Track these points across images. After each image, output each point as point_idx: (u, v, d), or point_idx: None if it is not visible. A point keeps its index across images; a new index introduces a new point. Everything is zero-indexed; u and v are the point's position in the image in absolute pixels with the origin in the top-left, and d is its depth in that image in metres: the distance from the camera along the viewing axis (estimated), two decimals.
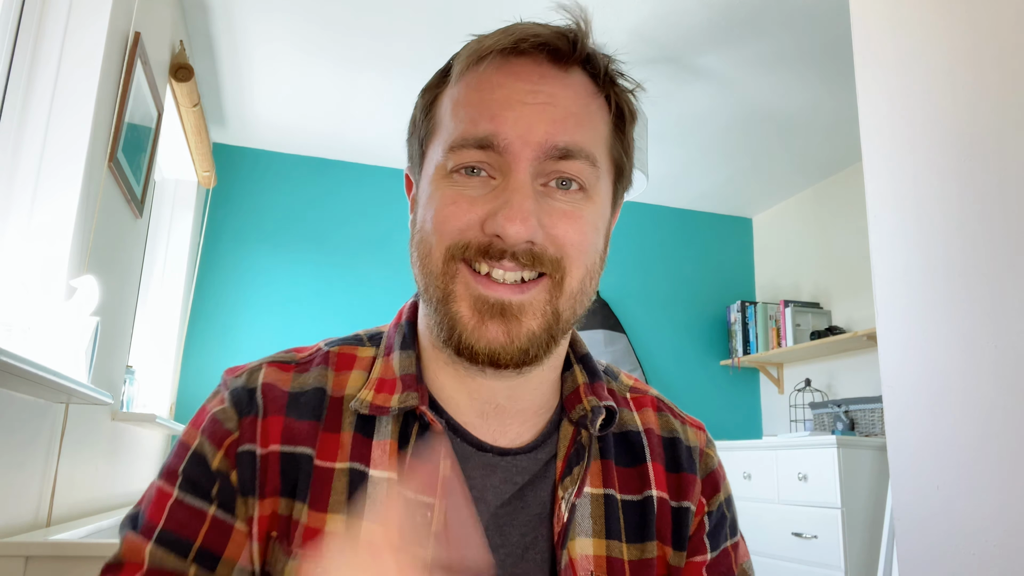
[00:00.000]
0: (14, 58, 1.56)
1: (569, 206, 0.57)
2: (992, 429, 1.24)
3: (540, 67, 0.58)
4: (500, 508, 0.58)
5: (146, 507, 0.57)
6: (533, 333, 0.55)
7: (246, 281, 3.43)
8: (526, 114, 0.56)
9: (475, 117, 0.56)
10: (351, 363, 0.63)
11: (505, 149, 0.55)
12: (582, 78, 0.60)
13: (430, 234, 0.57)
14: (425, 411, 0.58)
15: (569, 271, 0.56)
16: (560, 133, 0.56)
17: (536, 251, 0.55)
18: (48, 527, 1.58)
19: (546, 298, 0.56)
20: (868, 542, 2.68)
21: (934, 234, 1.39)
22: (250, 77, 2.94)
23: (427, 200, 0.58)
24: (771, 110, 3.08)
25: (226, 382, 0.61)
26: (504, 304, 0.55)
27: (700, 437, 0.68)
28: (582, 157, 0.56)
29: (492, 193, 0.55)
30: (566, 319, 0.58)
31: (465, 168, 0.56)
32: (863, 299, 3.44)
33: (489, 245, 0.54)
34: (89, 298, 1.52)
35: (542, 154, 0.55)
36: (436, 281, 0.56)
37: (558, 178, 0.57)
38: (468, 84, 0.58)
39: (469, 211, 0.55)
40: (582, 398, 0.62)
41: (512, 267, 0.55)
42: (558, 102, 0.57)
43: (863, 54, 1.60)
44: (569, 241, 0.56)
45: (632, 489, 0.62)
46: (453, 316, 0.55)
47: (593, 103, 0.59)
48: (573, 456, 0.60)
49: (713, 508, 0.65)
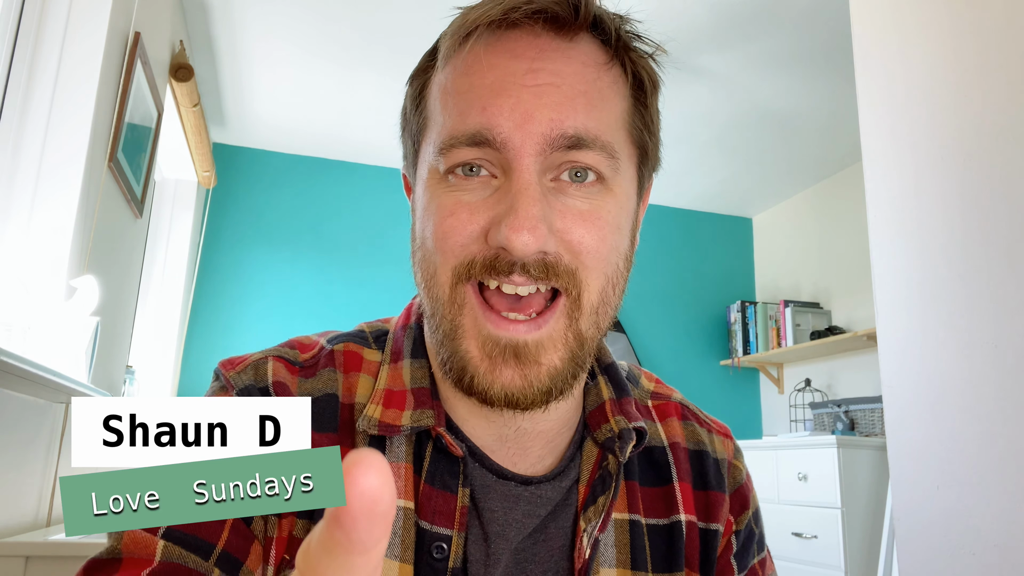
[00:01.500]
0: (14, 58, 1.56)
1: (586, 203, 0.48)
2: (992, 429, 1.24)
3: (538, 40, 0.49)
4: (521, 543, 0.52)
5: None
6: (556, 369, 0.48)
7: (246, 281, 3.43)
8: (524, 99, 0.47)
9: (465, 109, 0.48)
10: (358, 364, 0.56)
11: (503, 144, 0.47)
12: (590, 47, 0.50)
13: (432, 252, 0.49)
14: (443, 434, 0.50)
15: (587, 283, 0.48)
16: (568, 118, 0.47)
17: (550, 261, 0.47)
18: (48, 527, 1.58)
19: (565, 324, 0.48)
20: (868, 542, 2.68)
21: (934, 234, 1.39)
22: (250, 77, 2.94)
23: (424, 210, 0.51)
24: (771, 110, 3.08)
25: (228, 378, 0.53)
26: (518, 345, 0.47)
27: (728, 447, 0.62)
28: (597, 147, 0.48)
29: (494, 196, 0.48)
30: (591, 339, 0.50)
31: (462, 168, 0.49)
32: (863, 299, 3.44)
33: (495, 259, 0.47)
34: (89, 298, 1.52)
35: (548, 146, 0.47)
36: (443, 310, 0.49)
37: (571, 169, 0.48)
38: (456, 68, 0.50)
39: (470, 222, 0.48)
40: (608, 417, 0.55)
41: (523, 281, 0.47)
42: (562, 80, 0.48)
43: (863, 54, 1.60)
44: (586, 248, 0.48)
45: (658, 512, 0.56)
46: (463, 356, 0.48)
47: (605, 76, 0.50)
48: (598, 482, 0.53)
49: (741, 527, 0.60)
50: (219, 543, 0.48)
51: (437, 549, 0.50)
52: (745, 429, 3.98)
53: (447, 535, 0.50)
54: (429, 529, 0.50)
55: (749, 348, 3.88)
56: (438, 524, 0.50)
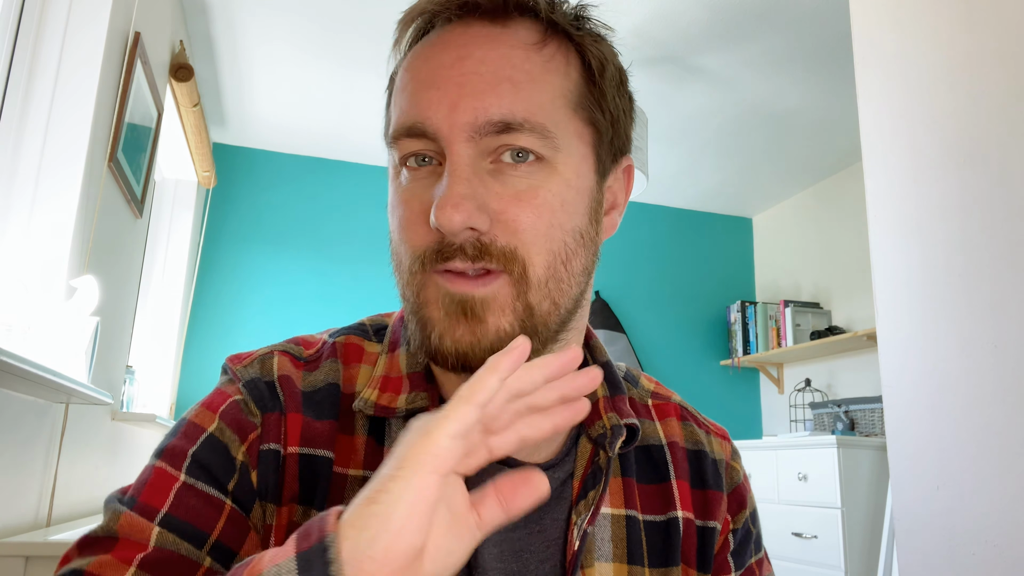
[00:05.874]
0: (14, 58, 1.56)
1: (525, 183, 0.49)
2: (992, 429, 1.24)
3: (469, 30, 0.51)
4: (514, 531, 0.53)
5: (140, 488, 0.50)
6: (502, 331, 0.49)
7: (246, 281, 3.43)
8: (450, 90, 0.49)
9: (404, 103, 0.51)
10: (360, 355, 0.58)
11: (435, 134, 0.49)
12: (525, 30, 0.51)
13: (398, 243, 0.52)
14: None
15: (529, 259, 0.49)
16: (492, 105, 0.48)
17: (484, 241, 0.48)
18: (48, 527, 1.58)
19: (512, 293, 0.49)
20: (868, 542, 2.68)
21: (934, 234, 1.39)
22: (250, 77, 2.94)
23: (389, 204, 0.54)
24: (771, 110, 3.08)
25: (235, 372, 0.55)
26: (466, 301, 0.49)
27: (726, 448, 0.63)
28: (526, 128, 0.48)
29: (437, 184, 0.50)
30: (544, 311, 0.50)
31: (413, 158, 0.51)
32: (863, 299, 3.44)
33: (441, 243, 0.49)
34: (89, 298, 1.52)
35: (475, 133, 0.48)
36: (408, 291, 0.51)
37: (510, 150, 0.49)
38: (404, 66, 0.53)
39: (420, 211, 0.50)
40: (601, 414, 0.57)
41: (463, 266, 0.48)
42: (486, 67, 0.49)
43: (863, 54, 1.60)
44: (522, 226, 0.49)
45: (655, 509, 0.58)
46: (424, 319, 0.50)
47: (536, 56, 0.51)
48: (589, 478, 0.55)
49: (738, 525, 0.62)
50: (214, 533, 0.49)
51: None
52: (745, 429, 3.98)
53: None
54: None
55: (749, 348, 3.88)
56: None
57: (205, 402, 0.54)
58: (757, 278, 4.27)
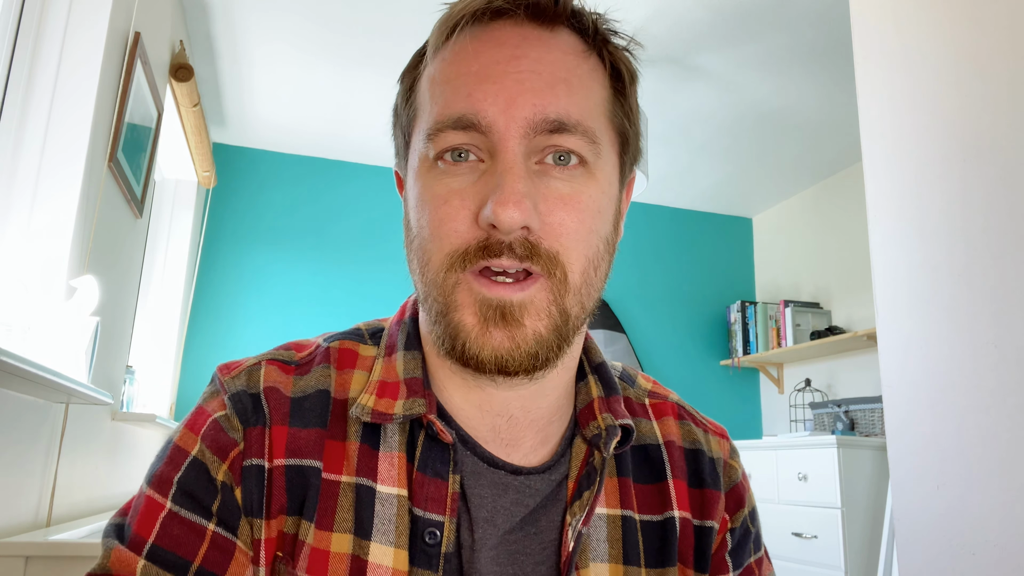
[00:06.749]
0: (14, 58, 1.56)
1: (568, 187, 0.50)
2: (992, 429, 1.24)
3: (521, 28, 0.52)
4: (510, 533, 0.53)
5: (133, 518, 0.51)
6: (540, 335, 0.49)
7: (246, 281, 3.43)
8: (508, 85, 0.49)
9: (451, 95, 0.50)
10: (353, 360, 0.58)
11: (489, 128, 0.49)
12: (570, 37, 0.53)
13: (428, 241, 0.51)
14: (434, 420, 0.52)
15: (569, 266, 0.50)
16: (550, 104, 0.49)
17: (532, 240, 0.49)
18: (48, 527, 1.58)
19: (549, 297, 0.50)
20: (868, 542, 2.68)
21: (934, 234, 1.39)
22: (250, 77, 2.94)
23: (417, 200, 0.52)
24: (771, 110, 3.08)
25: (223, 383, 0.55)
26: (505, 306, 0.49)
27: (724, 447, 0.63)
28: (579, 131, 0.50)
29: (482, 180, 0.49)
30: (575, 316, 0.51)
31: (450, 153, 0.50)
32: (863, 299, 3.45)
33: (487, 240, 0.48)
34: (89, 298, 1.52)
35: (531, 129, 0.49)
36: (436, 292, 0.51)
37: (555, 152, 0.50)
38: (444, 59, 0.52)
39: (462, 207, 0.49)
40: (596, 415, 0.57)
41: (510, 264, 0.48)
42: (544, 68, 0.50)
43: (863, 54, 1.60)
44: (567, 230, 0.50)
45: (652, 509, 0.58)
46: (456, 326, 0.50)
47: (584, 64, 0.52)
48: (584, 478, 0.55)
49: (736, 524, 0.61)
50: (196, 559, 0.49)
51: (430, 535, 0.51)
52: (745, 429, 3.98)
53: (439, 521, 0.51)
54: (422, 515, 0.51)
55: (749, 348, 3.88)
56: (430, 510, 0.52)
57: (188, 422, 0.54)
58: (757, 278, 4.27)
